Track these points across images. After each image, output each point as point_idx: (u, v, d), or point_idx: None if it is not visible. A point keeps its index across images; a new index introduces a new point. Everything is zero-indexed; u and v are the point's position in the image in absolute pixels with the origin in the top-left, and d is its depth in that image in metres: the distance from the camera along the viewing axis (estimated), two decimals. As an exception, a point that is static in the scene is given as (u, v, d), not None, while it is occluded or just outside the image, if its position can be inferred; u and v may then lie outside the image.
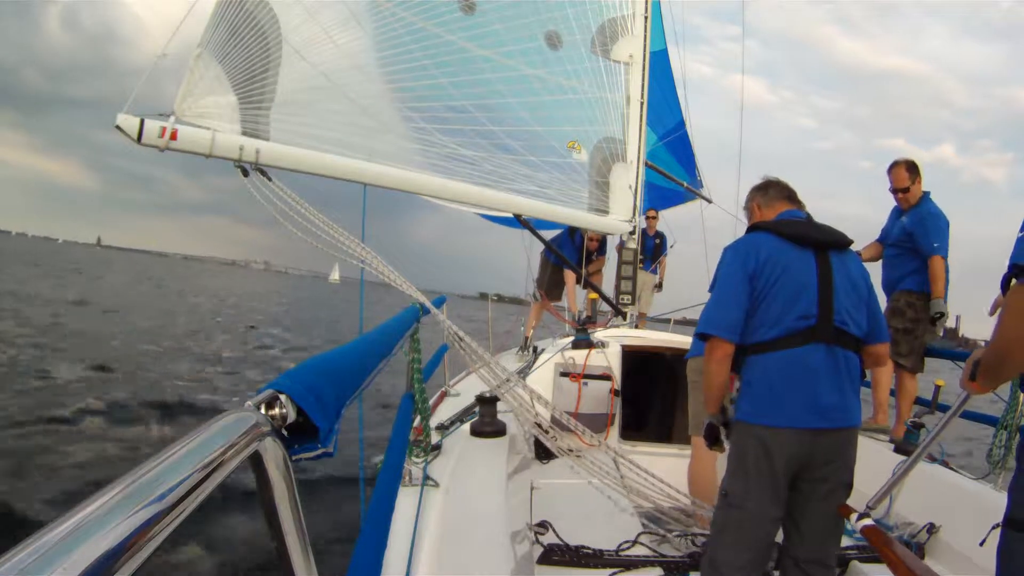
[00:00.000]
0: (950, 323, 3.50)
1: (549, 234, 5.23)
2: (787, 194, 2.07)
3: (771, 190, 2.10)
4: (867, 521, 1.64)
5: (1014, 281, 1.09)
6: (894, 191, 3.46)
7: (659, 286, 6.58)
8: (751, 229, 1.98)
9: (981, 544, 1.91)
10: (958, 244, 3.45)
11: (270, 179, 2.52)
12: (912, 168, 3.43)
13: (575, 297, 5.60)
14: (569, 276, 5.53)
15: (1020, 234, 1.06)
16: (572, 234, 5.55)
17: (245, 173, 2.52)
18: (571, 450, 2.43)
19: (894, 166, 3.47)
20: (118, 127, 2.31)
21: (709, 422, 1.98)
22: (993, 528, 1.89)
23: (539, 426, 2.39)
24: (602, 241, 5.59)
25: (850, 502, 1.75)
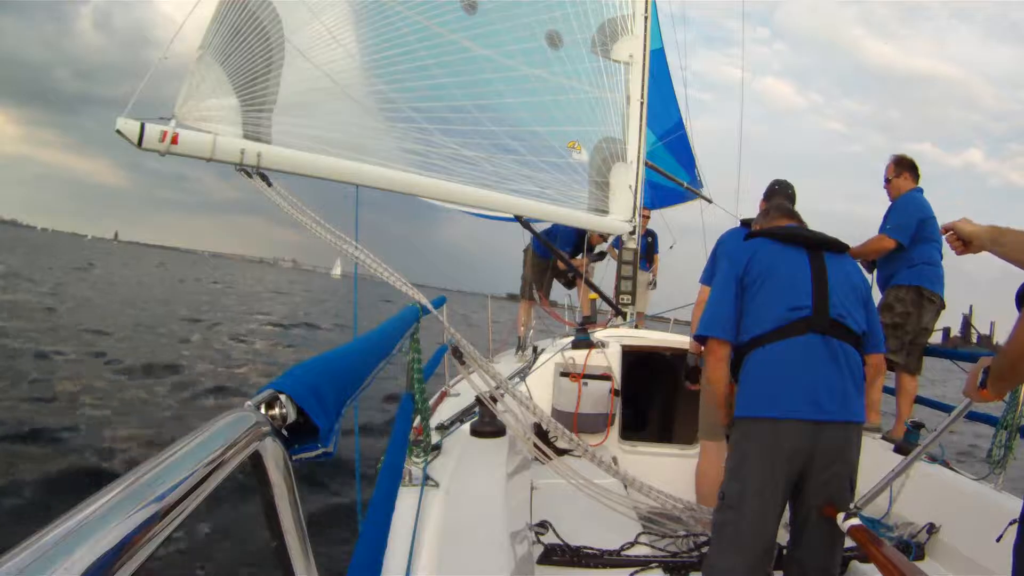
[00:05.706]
0: (984, 330, 3.47)
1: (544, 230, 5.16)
2: (786, 212, 2.15)
3: (772, 211, 2.17)
4: (854, 521, 1.62)
5: None
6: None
7: (653, 284, 6.60)
8: (747, 238, 2.03)
9: (998, 540, 1.89)
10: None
11: (270, 184, 2.48)
12: (900, 163, 3.52)
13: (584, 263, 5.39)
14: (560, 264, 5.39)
15: None
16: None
17: (248, 175, 2.49)
18: (571, 450, 2.43)
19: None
20: (118, 131, 2.26)
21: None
22: (1011, 524, 1.88)
23: (538, 433, 2.40)
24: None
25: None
